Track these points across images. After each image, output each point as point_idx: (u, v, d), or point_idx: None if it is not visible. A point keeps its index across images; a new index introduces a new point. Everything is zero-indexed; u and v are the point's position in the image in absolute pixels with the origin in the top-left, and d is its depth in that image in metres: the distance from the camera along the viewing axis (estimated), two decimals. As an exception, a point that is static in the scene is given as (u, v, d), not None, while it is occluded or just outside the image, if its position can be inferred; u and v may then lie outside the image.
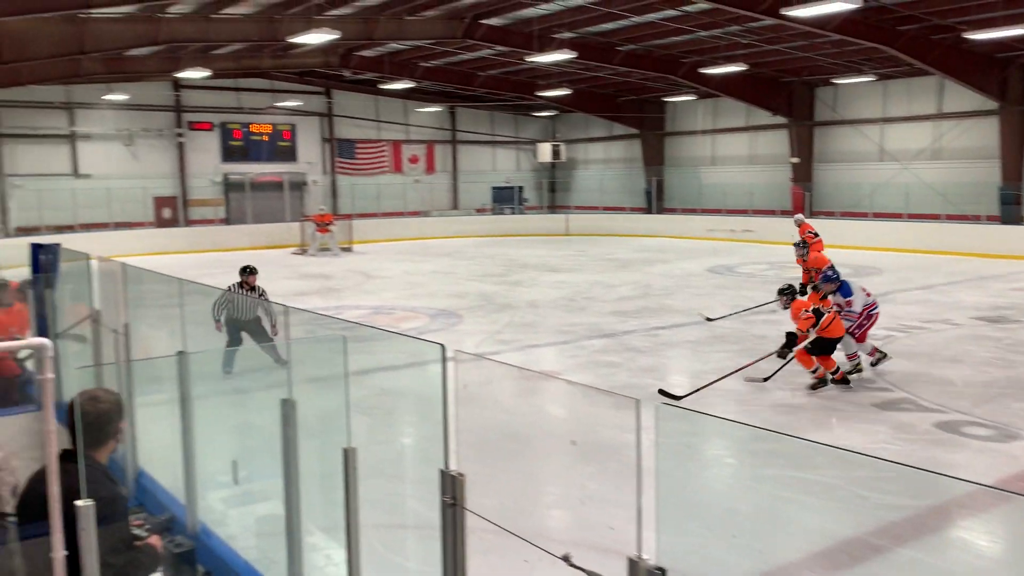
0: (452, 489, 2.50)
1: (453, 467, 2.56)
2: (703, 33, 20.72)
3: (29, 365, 6.81)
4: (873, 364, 9.71)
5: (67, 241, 15.61)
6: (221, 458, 4.29)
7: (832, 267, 11.13)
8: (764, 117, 27.73)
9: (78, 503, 2.55)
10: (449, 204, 34.28)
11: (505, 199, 34.87)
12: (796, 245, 15.97)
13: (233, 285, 10.61)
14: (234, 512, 4.27)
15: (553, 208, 35.54)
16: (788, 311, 9.38)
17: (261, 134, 29.72)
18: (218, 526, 3.95)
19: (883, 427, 7.57)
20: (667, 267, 20.08)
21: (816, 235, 16.30)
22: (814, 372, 8.92)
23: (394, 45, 23.80)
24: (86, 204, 26.02)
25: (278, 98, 29.23)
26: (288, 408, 3.15)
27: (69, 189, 25.92)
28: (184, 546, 3.56)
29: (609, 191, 33.58)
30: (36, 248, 6.52)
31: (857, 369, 9.36)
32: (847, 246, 23.53)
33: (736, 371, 9.07)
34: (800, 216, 16.78)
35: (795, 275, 18.22)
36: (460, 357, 2.72)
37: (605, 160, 34.76)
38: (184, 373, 3.85)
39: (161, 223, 27.67)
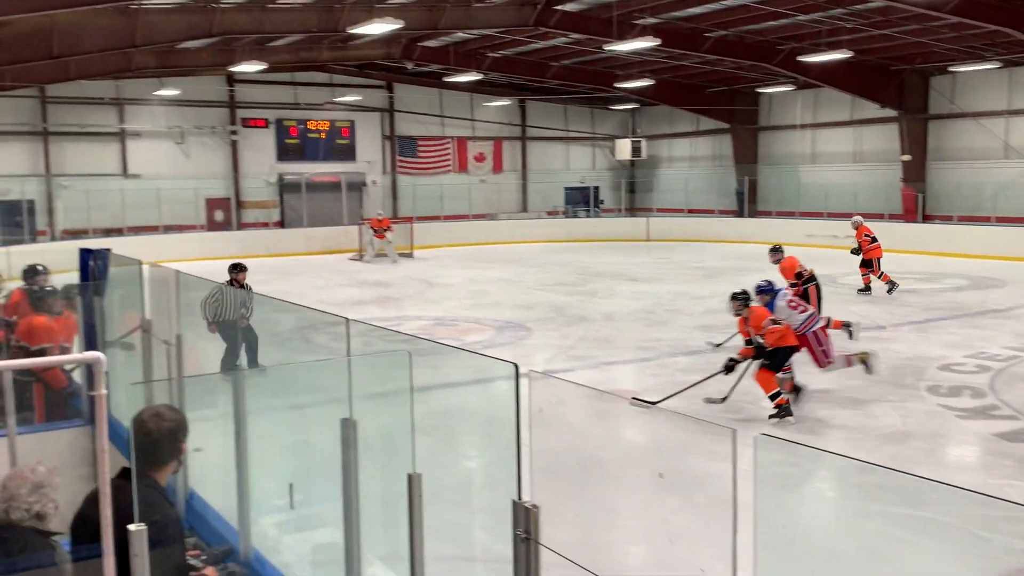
0: (526, 522, 2.50)
1: (526, 497, 2.56)
2: (802, 17, 20.37)
3: (76, 376, 7.08)
4: (866, 368, 9.66)
5: (115, 245, 16.19)
6: (276, 480, 4.38)
7: (799, 272, 12.26)
8: (871, 110, 27.10)
9: (131, 527, 2.64)
10: (517, 206, 34.40)
11: (579, 201, 34.84)
12: (853, 251, 16.09)
13: (223, 284, 10.81)
14: (289, 539, 4.36)
15: (632, 211, 35.35)
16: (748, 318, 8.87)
17: (318, 131, 30.34)
18: (272, 554, 4.04)
19: (1008, 460, 7.32)
20: (760, 277, 19.74)
21: (874, 240, 17.08)
22: (774, 398, 8.59)
23: (460, 34, 24.02)
24: (135, 205, 26.92)
25: (336, 93, 29.80)
26: (348, 428, 3.20)
27: (118, 190, 26.86)
28: (237, 575, 3.65)
29: (695, 192, 33.23)
30: (85, 253, 6.77)
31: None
32: (965, 254, 22.81)
33: (690, 387, 9.14)
34: (858, 218, 17.76)
35: (910, 286, 17.77)
36: (533, 376, 2.73)
37: (691, 158, 34.44)
38: (239, 388, 3.95)
39: (212, 226, 28.45)
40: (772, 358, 8.70)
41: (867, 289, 16.97)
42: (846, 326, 11.60)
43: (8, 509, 3.29)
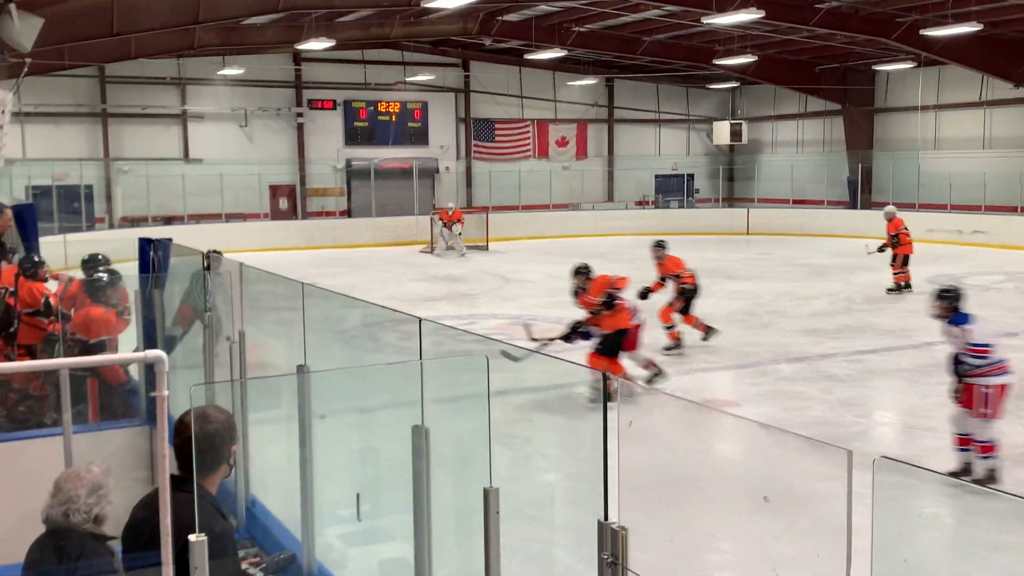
0: (613, 545, 2.49)
1: (613, 517, 2.55)
2: (926, -15, 19.85)
3: (132, 372, 7.30)
4: (648, 381, 9.65)
5: (175, 234, 16.66)
6: (341, 488, 4.45)
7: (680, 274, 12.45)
8: (1003, 89, 26.22)
9: (191, 537, 2.70)
10: (603, 195, 34.27)
11: (671, 190, 34.53)
12: (880, 249, 17.09)
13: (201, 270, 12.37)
14: (355, 552, 4.42)
15: (731, 201, 34.89)
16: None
17: (388, 114, 30.69)
18: (337, 567, 4.10)
19: None
20: (874, 276, 19.33)
21: (907, 232, 17.31)
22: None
23: (543, 7, 24.02)
24: (196, 192, 27.64)
25: (408, 72, 30.10)
26: (420, 436, 3.23)
27: (179, 175, 27.63)
28: (299, 587, 3.72)
29: (802, 181, 32.60)
30: (145, 243, 6.98)
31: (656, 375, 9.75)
32: (1114, 253, 21.92)
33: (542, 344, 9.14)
34: (892, 209, 17.84)
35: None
36: (623, 387, 2.71)
37: (797, 142, 33.81)
38: (304, 391, 4.02)
39: (276, 215, 29.06)
40: (604, 344, 9.25)
41: (907, 286, 16.92)
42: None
43: (68, 512, 3.38)
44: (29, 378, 7.42)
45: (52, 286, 8.84)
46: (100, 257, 9.28)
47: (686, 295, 12.42)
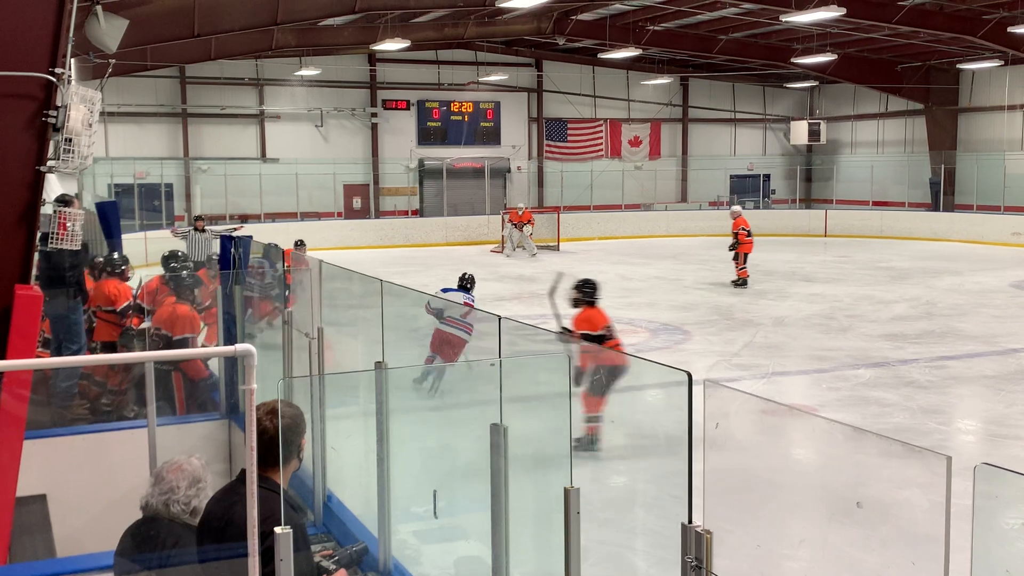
0: (697, 548, 2.46)
1: (696, 520, 2.52)
2: (1016, -20, 19.29)
3: (212, 367, 7.45)
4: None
5: (252, 232, 16.93)
6: (418, 485, 4.48)
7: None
8: (1097, 87, 25.38)
9: (276, 530, 2.75)
10: (676, 196, 33.98)
11: (747, 190, 34.10)
12: (731, 247, 17.99)
13: (189, 230, 16.86)
14: (430, 549, 4.44)
15: (808, 202, 34.31)
16: None
17: (461, 113, 30.86)
18: (412, 564, 4.13)
19: None
20: (958, 280, 18.86)
21: (749, 233, 18.40)
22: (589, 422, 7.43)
23: (618, 5, 23.92)
24: (273, 191, 28.15)
25: (481, 72, 30.24)
26: (498, 434, 3.23)
27: (256, 174, 28.15)
28: (374, 582, 3.75)
29: (882, 182, 31.93)
30: (226, 240, 7.12)
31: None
32: None
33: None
34: (737, 208, 19.23)
35: None
36: (709, 386, 2.68)
37: (878, 143, 33.12)
38: (382, 388, 4.05)
39: (350, 214, 29.42)
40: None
41: (743, 282, 17.97)
42: None
43: (168, 502, 3.47)
44: (109, 373, 7.63)
45: (133, 284, 9.07)
46: (180, 254, 9.50)
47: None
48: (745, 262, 18.25)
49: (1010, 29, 21.07)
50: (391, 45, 23.14)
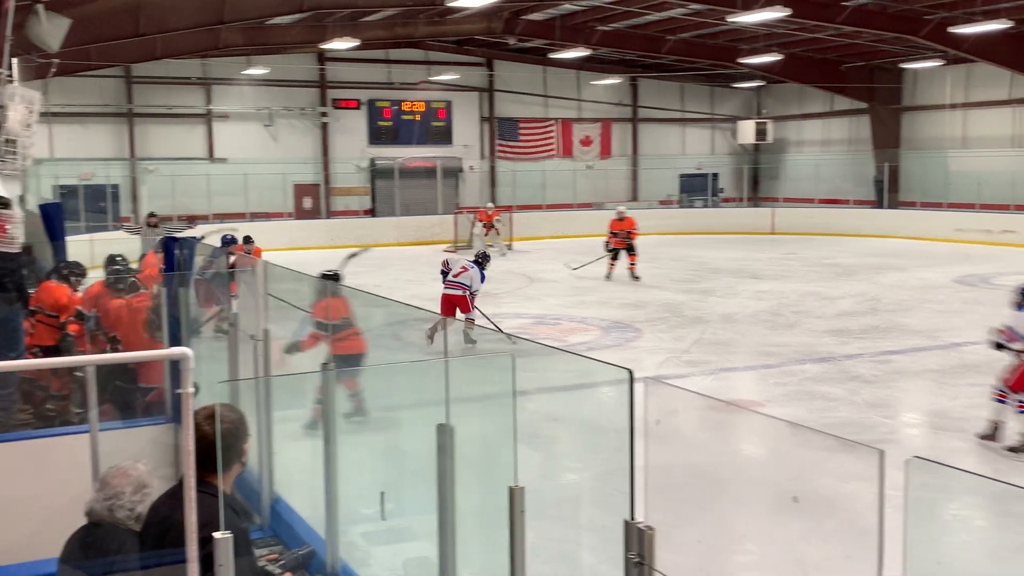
0: (639, 545, 2.47)
1: (639, 516, 2.53)
2: (955, -18, 19.66)
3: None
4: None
5: (200, 233, 16.66)
6: (366, 487, 4.46)
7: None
8: (1034, 87, 25.95)
9: (216, 535, 2.71)
10: (627, 195, 34.17)
11: (696, 189, 34.40)
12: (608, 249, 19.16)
13: (143, 226, 17.67)
14: (379, 551, 4.42)
15: (756, 201, 34.69)
16: None
17: (413, 113, 30.76)
18: (361, 566, 4.10)
19: None
20: (902, 276, 19.19)
21: (615, 235, 19.37)
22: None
23: (567, 6, 23.99)
24: (221, 191, 27.83)
25: (432, 71, 30.16)
26: (445, 435, 3.22)
27: (203, 175, 27.82)
28: (322, 585, 3.72)
29: (828, 180, 32.37)
30: (171, 242, 7.02)
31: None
32: None
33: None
34: (623, 209, 20.33)
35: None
36: (649, 384, 2.69)
37: (823, 142, 33.58)
38: (329, 389, 4.03)
39: (300, 214, 29.19)
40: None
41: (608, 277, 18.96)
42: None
43: (112, 508, 3.41)
44: (51, 378, 7.50)
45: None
46: (119, 258, 9.38)
47: None
48: (616, 257, 19.18)
49: (951, 29, 21.45)
50: (340, 44, 22.99)
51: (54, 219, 11.26)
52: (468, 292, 12.33)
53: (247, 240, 15.85)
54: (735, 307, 15.42)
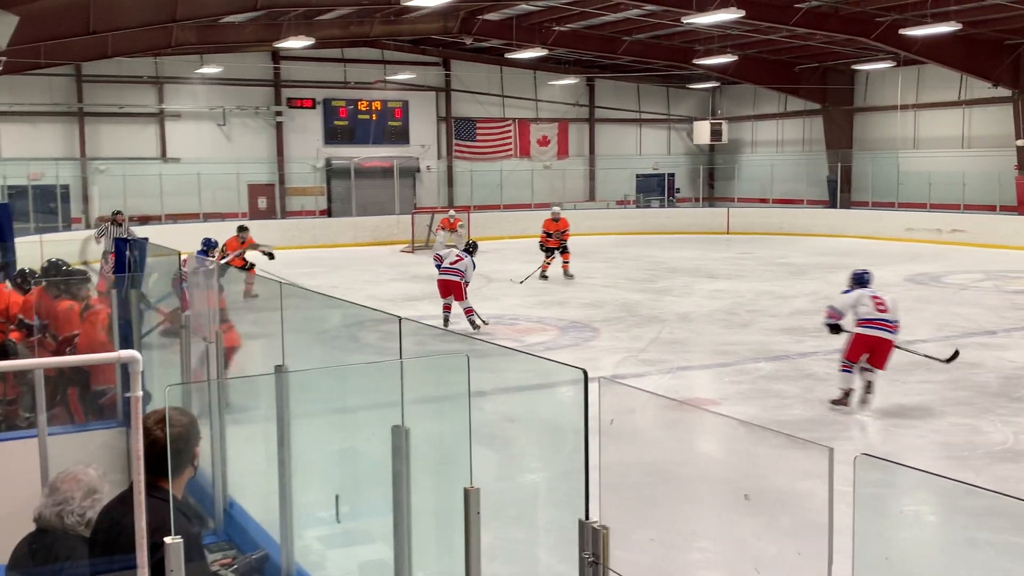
0: (594, 544, 2.47)
1: (594, 516, 2.54)
2: (905, -15, 19.97)
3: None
4: None
5: (153, 234, 16.49)
6: (321, 490, 4.42)
7: None
8: (982, 89, 26.43)
9: (166, 540, 2.68)
10: (584, 195, 34.30)
11: (652, 189, 34.60)
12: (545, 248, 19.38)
13: (106, 223, 18.41)
14: (334, 554, 4.39)
15: (711, 201, 34.99)
16: None
17: (369, 112, 30.60)
18: (316, 570, 4.07)
19: None
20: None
21: (550, 235, 19.68)
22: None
23: (524, 6, 24.01)
24: (174, 191, 27.48)
25: (389, 71, 30.04)
26: (400, 436, 3.21)
27: (156, 175, 27.46)
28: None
29: (782, 180, 32.75)
30: (121, 243, 6.92)
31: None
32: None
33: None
34: (558, 209, 20.69)
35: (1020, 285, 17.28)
36: (604, 383, 2.70)
37: (777, 142, 33.95)
38: (282, 391, 3.99)
39: (255, 214, 28.91)
40: None
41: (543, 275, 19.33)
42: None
43: (61, 513, 3.36)
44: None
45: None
46: (58, 262, 9.24)
47: None
48: (552, 259, 19.52)
49: (902, 31, 21.79)
50: (295, 43, 22.81)
51: (1, 220, 11.04)
52: (463, 279, 13.43)
53: (241, 229, 17.11)
54: (691, 306, 15.53)
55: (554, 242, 19.52)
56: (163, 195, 27.21)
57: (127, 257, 6.45)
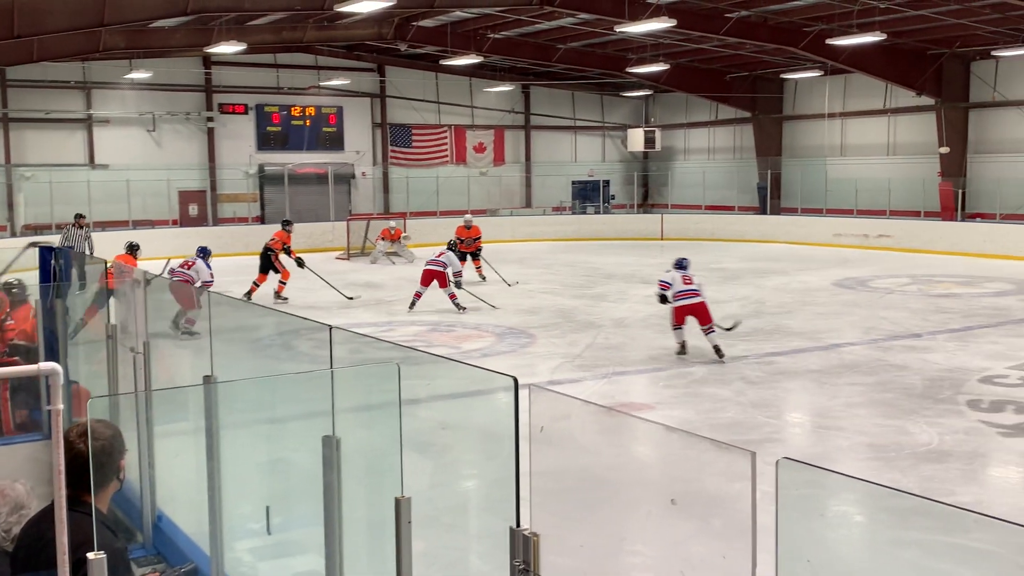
0: (524, 552, 2.48)
1: (525, 523, 2.54)
2: (831, -4, 20.40)
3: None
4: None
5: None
6: (252, 501, 4.36)
7: None
8: (906, 98, 27.09)
9: (89, 556, 2.61)
10: (521, 201, 34.39)
11: (588, 196, 34.82)
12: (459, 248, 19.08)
13: (68, 226, 19.80)
14: (266, 566, 4.33)
15: (646, 207, 35.31)
16: None
17: (303, 118, 30.33)
18: (247, 582, 4.02)
19: (1057, 483, 7.29)
20: (784, 280, 19.75)
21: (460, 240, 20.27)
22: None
23: (459, 13, 24.01)
24: (103, 198, 26.88)
25: (323, 76, 29.81)
26: (330, 446, 3.18)
27: (84, 181, 26.85)
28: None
29: (714, 187, 33.21)
30: (46, 252, 6.76)
31: None
32: (1008, 256, 22.78)
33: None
34: (470, 217, 21.85)
35: (948, 290, 17.77)
36: (534, 390, 2.71)
37: (709, 150, 34.42)
38: (211, 402, 3.93)
39: (186, 221, 28.44)
40: None
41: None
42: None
43: None
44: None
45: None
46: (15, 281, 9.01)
47: None
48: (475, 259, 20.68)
49: (828, 41, 22.24)
50: (226, 48, 22.51)
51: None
52: (446, 269, 15.97)
53: (286, 223, 19.52)
54: (626, 312, 15.64)
55: (466, 247, 20.21)
56: (91, 202, 26.57)
57: (52, 266, 6.30)
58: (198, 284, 14.26)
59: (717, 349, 11.66)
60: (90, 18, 18.57)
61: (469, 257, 20.00)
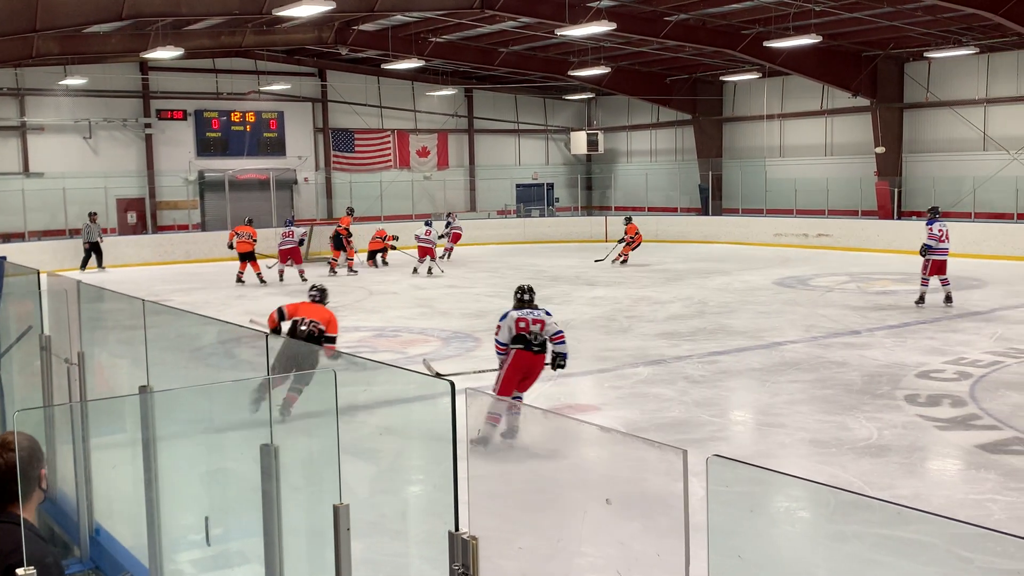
0: (464, 555, 2.48)
1: (464, 527, 2.54)
2: (768, -1, 20.69)
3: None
4: None
5: (14, 252, 15.81)
6: (191, 513, 4.31)
7: None
8: (843, 99, 27.59)
9: (19, 572, 2.56)
10: (465, 205, 34.37)
11: (532, 199, 34.93)
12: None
13: (87, 223, 23.66)
14: (206, 578, 4.28)
15: (589, 209, 35.52)
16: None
17: (243, 124, 30.00)
18: (187, 594, 3.96)
19: (991, 473, 7.46)
20: (726, 279, 19.97)
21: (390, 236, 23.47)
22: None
23: (399, 17, 23.95)
24: (39, 207, 26.38)
25: (263, 81, 29.50)
26: (269, 455, 3.15)
27: (18, 190, 26.30)
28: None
29: (656, 189, 33.54)
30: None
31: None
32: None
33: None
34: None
35: (885, 288, 18.12)
36: (470, 395, 2.71)
37: (651, 152, 34.72)
38: (147, 412, 3.87)
39: (124, 230, 27.98)
40: None
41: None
42: None
43: None
44: None
45: None
46: None
47: None
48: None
49: (766, 43, 22.56)
50: (164, 53, 22.16)
51: None
52: (433, 245, 21.35)
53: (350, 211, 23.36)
54: (572, 314, 15.70)
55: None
56: (26, 211, 26.07)
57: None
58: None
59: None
60: (22, 23, 18.21)
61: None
